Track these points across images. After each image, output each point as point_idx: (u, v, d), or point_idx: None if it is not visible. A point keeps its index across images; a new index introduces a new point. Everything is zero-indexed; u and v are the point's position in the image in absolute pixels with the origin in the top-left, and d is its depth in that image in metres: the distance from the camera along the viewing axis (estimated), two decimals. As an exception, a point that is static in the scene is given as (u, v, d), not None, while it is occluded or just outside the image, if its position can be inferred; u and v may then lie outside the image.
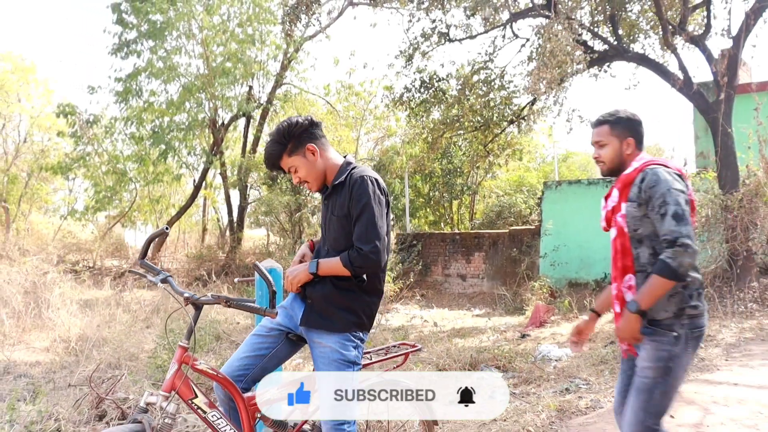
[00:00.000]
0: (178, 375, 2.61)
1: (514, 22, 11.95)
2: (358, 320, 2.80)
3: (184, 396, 2.64)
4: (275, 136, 2.84)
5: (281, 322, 2.94)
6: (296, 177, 2.89)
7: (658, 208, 2.66)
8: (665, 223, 2.63)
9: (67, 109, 15.83)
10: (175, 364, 2.62)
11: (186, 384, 2.64)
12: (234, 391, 2.76)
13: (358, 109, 20.27)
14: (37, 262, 12.86)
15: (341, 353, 2.74)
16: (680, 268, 2.57)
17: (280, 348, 2.96)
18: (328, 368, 2.73)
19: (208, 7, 15.33)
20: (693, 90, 10.07)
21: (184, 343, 2.64)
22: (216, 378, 2.75)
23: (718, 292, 8.82)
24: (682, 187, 2.72)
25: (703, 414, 4.62)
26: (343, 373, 2.74)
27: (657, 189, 2.69)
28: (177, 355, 2.62)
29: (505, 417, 4.68)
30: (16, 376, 6.66)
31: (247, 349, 2.94)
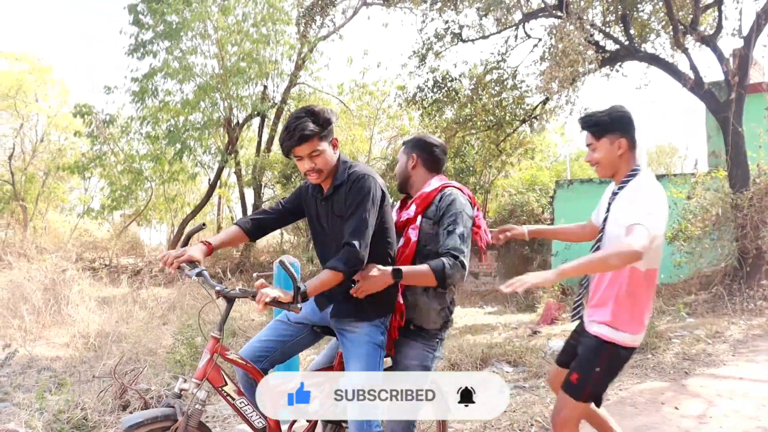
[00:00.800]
0: (209, 363, 2.74)
1: (527, 22, 12.02)
2: (384, 308, 2.92)
3: (215, 383, 2.78)
4: (313, 117, 2.78)
5: (308, 316, 3.06)
6: (311, 164, 2.80)
7: (448, 225, 2.91)
8: (452, 239, 2.89)
9: (83, 109, 16.07)
10: (207, 353, 2.74)
11: (217, 372, 2.78)
12: (261, 379, 2.90)
13: (371, 109, 20.37)
14: (56, 260, 13.08)
15: (371, 336, 2.87)
16: (450, 278, 2.84)
17: (303, 337, 3.10)
18: (359, 349, 2.85)
19: (223, 8, 15.52)
20: (704, 89, 10.12)
21: (216, 333, 2.77)
22: (245, 367, 2.88)
23: (727, 290, 8.88)
24: (472, 214, 3.03)
25: (707, 406, 4.73)
26: (372, 354, 2.85)
27: (452, 208, 2.95)
28: (210, 345, 2.75)
29: (515, 408, 4.81)
30: (38, 369, 6.83)
31: (270, 333, 3.08)
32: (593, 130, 2.95)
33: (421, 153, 3.21)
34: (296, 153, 2.81)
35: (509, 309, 12.11)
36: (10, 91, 21.36)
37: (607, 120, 2.93)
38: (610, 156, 2.94)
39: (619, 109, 2.95)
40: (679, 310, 8.43)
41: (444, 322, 3.03)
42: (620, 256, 2.56)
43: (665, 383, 5.47)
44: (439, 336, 3.04)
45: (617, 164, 2.95)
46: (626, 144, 2.93)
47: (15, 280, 11.05)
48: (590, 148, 2.99)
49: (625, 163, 2.96)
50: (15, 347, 6.92)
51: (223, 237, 3.04)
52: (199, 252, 2.86)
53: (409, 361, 2.99)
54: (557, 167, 24.83)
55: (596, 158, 2.97)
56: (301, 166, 2.86)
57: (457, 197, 3.00)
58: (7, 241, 17.56)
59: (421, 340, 3.00)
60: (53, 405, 4.43)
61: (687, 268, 9.92)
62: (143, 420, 2.59)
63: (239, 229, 3.06)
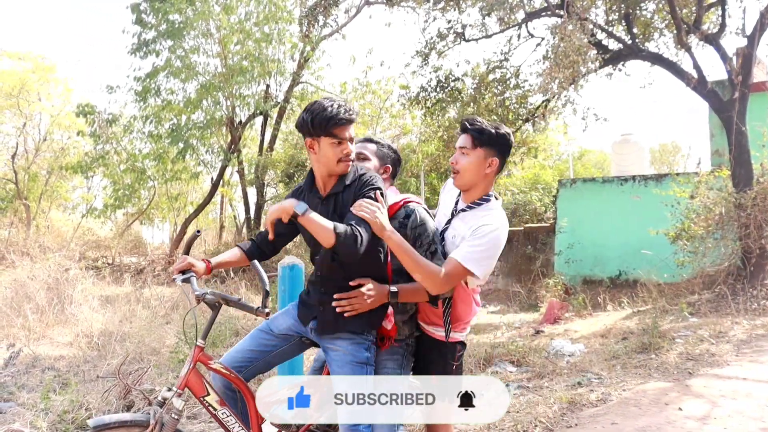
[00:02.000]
0: (192, 373, 2.73)
1: (530, 21, 12.01)
2: (369, 321, 2.82)
3: (197, 393, 2.76)
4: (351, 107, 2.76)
5: (292, 327, 2.99)
6: (351, 148, 2.78)
7: (428, 246, 2.86)
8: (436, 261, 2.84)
9: (86, 109, 16.10)
10: (190, 362, 2.74)
11: (200, 382, 2.76)
12: (244, 388, 2.85)
13: (374, 108, 20.35)
14: (59, 259, 13.11)
15: (354, 355, 2.78)
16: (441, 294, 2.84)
17: (286, 348, 3.02)
18: (343, 370, 2.77)
19: (226, 7, 15.50)
20: (707, 88, 10.10)
21: (200, 342, 2.76)
22: (229, 377, 2.83)
23: (731, 290, 8.87)
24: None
25: (711, 407, 4.73)
26: (356, 374, 2.76)
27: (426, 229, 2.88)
28: (193, 354, 2.75)
29: (518, 409, 4.82)
30: (42, 369, 6.86)
31: (251, 343, 2.99)
32: (475, 135, 2.89)
33: (393, 165, 3.15)
34: (344, 133, 2.73)
35: (512, 308, 12.11)
36: (14, 90, 21.40)
37: (493, 134, 2.88)
38: (478, 169, 2.89)
39: (507, 131, 2.94)
40: (683, 310, 8.43)
41: (410, 333, 3.01)
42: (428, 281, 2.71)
43: (669, 383, 5.47)
44: (406, 342, 3.00)
45: (478, 180, 2.92)
46: (496, 166, 2.91)
47: (18, 279, 11.08)
48: (462, 151, 2.91)
49: (486, 184, 2.94)
50: (19, 347, 6.94)
51: (223, 258, 3.03)
52: (200, 266, 2.89)
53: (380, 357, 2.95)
54: (560, 166, 24.80)
55: (463, 165, 2.91)
56: (338, 150, 2.74)
57: (425, 214, 2.94)
58: (11, 240, 17.58)
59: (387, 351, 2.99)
60: (58, 405, 4.44)
61: (690, 267, 9.90)
62: (110, 422, 2.60)
63: (240, 252, 3.05)
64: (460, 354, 3.07)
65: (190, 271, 2.85)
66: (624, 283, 12.45)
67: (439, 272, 2.71)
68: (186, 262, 2.85)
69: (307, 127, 2.74)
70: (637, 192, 12.96)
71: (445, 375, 2.99)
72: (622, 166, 16.52)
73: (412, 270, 2.74)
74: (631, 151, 16.76)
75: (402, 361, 2.97)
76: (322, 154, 2.76)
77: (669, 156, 36.86)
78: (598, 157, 32.91)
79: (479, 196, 2.93)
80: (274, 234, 2.82)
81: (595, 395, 5.16)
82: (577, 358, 6.80)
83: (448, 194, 3.16)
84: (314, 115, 2.71)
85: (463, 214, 2.94)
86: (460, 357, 3.07)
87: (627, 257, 12.45)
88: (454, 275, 2.74)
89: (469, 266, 2.72)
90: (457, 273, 2.74)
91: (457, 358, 3.04)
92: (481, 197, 2.93)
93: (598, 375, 5.90)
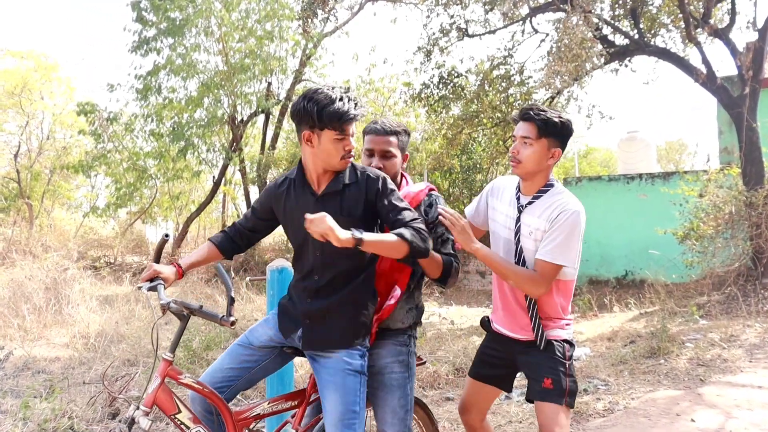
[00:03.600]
0: (161, 389, 2.52)
1: (534, 16, 11.80)
2: (360, 330, 2.64)
3: (167, 411, 2.54)
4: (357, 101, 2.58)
5: (273, 338, 2.77)
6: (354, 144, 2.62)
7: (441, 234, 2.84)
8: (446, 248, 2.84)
9: (87, 107, 15.98)
10: (157, 377, 2.52)
11: (169, 398, 2.54)
12: (221, 405, 2.62)
13: (377, 105, 20.19)
14: (58, 259, 12.97)
15: (347, 362, 2.58)
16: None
17: (269, 362, 2.80)
18: (334, 378, 2.56)
19: (227, 4, 15.34)
20: (716, 84, 9.88)
21: (168, 356, 2.55)
22: (202, 392, 2.61)
23: (741, 291, 8.65)
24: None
25: (725, 418, 4.51)
26: (349, 384, 2.56)
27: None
28: (160, 369, 2.53)
29: (521, 419, 4.61)
30: (35, 371, 6.70)
31: (230, 360, 2.76)
32: (540, 125, 2.74)
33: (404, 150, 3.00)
34: (351, 128, 2.56)
35: (517, 309, 11.90)
36: (16, 89, 21.31)
37: (558, 124, 2.74)
38: (541, 159, 2.77)
39: (569, 120, 2.80)
40: (693, 313, 8.20)
41: (413, 322, 2.86)
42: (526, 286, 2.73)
43: (679, 391, 5.25)
44: (408, 333, 2.85)
45: (539, 171, 2.79)
46: (558, 156, 2.81)
47: (16, 278, 10.95)
48: (525, 141, 2.77)
49: (546, 173, 2.83)
50: (9, 349, 6.77)
51: (194, 258, 2.83)
52: (169, 271, 2.69)
53: (384, 360, 2.77)
54: (565, 164, 24.59)
55: (526, 155, 2.77)
56: (341, 146, 2.55)
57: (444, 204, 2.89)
58: (13, 239, 17.49)
59: (390, 338, 2.81)
60: (39, 414, 4.26)
61: (699, 267, 9.69)
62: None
63: (213, 247, 2.85)
64: (571, 353, 2.84)
65: (158, 278, 2.65)
66: (630, 283, 12.25)
67: (534, 275, 2.71)
68: (152, 270, 2.65)
69: (310, 117, 2.52)
70: (644, 190, 12.75)
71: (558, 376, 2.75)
72: (628, 164, 16.31)
73: (506, 277, 2.78)
74: (638, 148, 16.54)
75: (408, 361, 2.82)
76: (321, 149, 2.55)
77: (676, 154, 36.59)
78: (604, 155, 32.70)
79: (541, 185, 2.84)
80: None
81: (601, 404, 4.95)
82: (582, 363, 6.59)
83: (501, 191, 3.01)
84: (320, 106, 2.50)
85: (530, 207, 2.82)
86: (571, 356, 2.84)
87: (634, 257, 12.25)
88: (548, 275, 2.71)
89: (558, 261, 2.69)
90: (550, 270, 2.70)
91: (568, 357, 2.82)
92: (544, 185, 2.84)
93: (604, 381, 5.69)
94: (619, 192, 13.14)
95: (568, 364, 2.78)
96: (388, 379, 2.74)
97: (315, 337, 2.63)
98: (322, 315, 2.61)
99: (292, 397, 2.84)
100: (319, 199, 2.62)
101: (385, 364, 2.76)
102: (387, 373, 2.75)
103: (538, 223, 2.75)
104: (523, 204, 2.84)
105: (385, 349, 2.79)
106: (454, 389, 5.93)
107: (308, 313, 2.64)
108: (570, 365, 2.79)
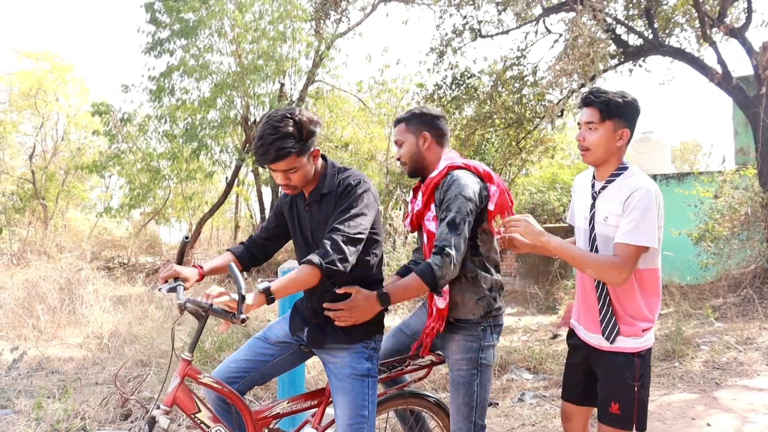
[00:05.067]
0: (179, 388, 2.53)
1: (547, 16, 11.74)
2: (366, 329, 2.64)
3: (187, 410, 2.55)
4: (297, 128, 2.49)
5: (290, 335, 2.83)
6: (286, 179, 2.58)
7: (443, 212, 2.65)
8: (441, 228, 2.63)
9: (101, 107, 16.07)
10: (177, 377, 2.53)
11: (188, 398, 2.55)
12: (241, 404, 2.65)
13: (390, 106, 20.17)
14: (72, 259, 13.05)
15: (352, 367, 2.60)
16: (441, 279, 2.57)
17: (285, 357, 2.84)
18: (342, 384, 2.61)
19: (240, 5, 15.39)
20: (732, 84, 9.77)
21: (187, 356, 2.55)
22: (221, 392, 2.63)
23: (758, 293, 8.55)
24: (473, 195, 2.68)
25: (742, 422, 4.44)
26: (356, 389, 2.60)
27: (449, 193, 2.67)
28: (179, 369, 2.54)
29: (534, 422, 4.57)
30: (48, 371, 6.73)
31: (247, 352, 2.82)
32: (602, 108, 2.60)
33: (431, 129, 2.89)
34: (271, 167, 2.55)
35: (529, 310, 11.85)
36: (31, 90, 21.50)
37: (621, 104, 2.60)
38: (609, 143, 2.62)
39: (633, 97, 2.64)
40: (708, 315, 8.11)
41: (486, 312, 2.75)
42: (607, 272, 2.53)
43: (694, 395, 5.19)
44: (482, 324, 2.76)
45: (610, 155, 2.65)
46: (628, 137, 2.64)
47: (31, 279, 11.02)
48: (589, 126, 2.64)
49: (618, 156, 2.67)
50: (23, 350, 6.81)
51: (216, 263, 2.84)
52: (190, 273, 2.69)
53: (454, 355, 2.77)
54: (579, 165, 24.44)
55: (592, 140, 2.63)
56: (275, 179, 2.62)
57: (459, 179, 2.70)
58: (29, 240, 17.63)
59: (461, 331, 2.76)
60: (52, 414, 4.27)
61: (714, 269, 9.60)
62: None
63: (233, 257, 2.88)
64: (642, 370, 2.61)
65: (178, 279, 2.65)
66: (645, 285, 12.15)
67: (615, 260, 2.51)
68: (172, 270, 2.65)
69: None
70: (658, 191, 12.66)
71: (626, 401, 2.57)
72: (642, 164, 16.17)
73: (583, 266, 2.60)
74: (652, 149, 16.41)
75: (478, 358, 2.73)
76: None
77: (690, 154, 36.31)
78: (618, 156, 32.42)
79: (614, 168, 2.68)
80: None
81: (615, 407, 4.89)
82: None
83: (581, 186, 2.89)
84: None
85: (603, 192, 2.68)
86: (642, 375, 2.60)
87: (648, 258, 12.16)
88: (629, 258, 2.50)
89: (640, 242, 2.49)
90: (631, 254, 2.50)
91: (638, 376, 2.59)
92: (617, 169, 2.68)
93: (618, 384, 5.63)
94: (632, 193, 13.04)
95: (638, 385, 2.58)
96: (456, 376, 2.76)
97: (320, 336, 2.67)
98: (328, 316, 2.61)
99: (312, 397, 2.85)
100: (306, 206, 2.72)
101: (454, 360, 2.77)
102: (455, 370, 2.76)
103: (611, 207, 2.61)
104: (597, 190, 2.72)
105: (456, 343, 2.76)
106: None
107: (315, 313, 2.68)
108: (641, 385, 2.59)
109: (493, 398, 5.49)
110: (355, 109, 19.78)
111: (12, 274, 11.89)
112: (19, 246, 16.54)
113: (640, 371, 2.59)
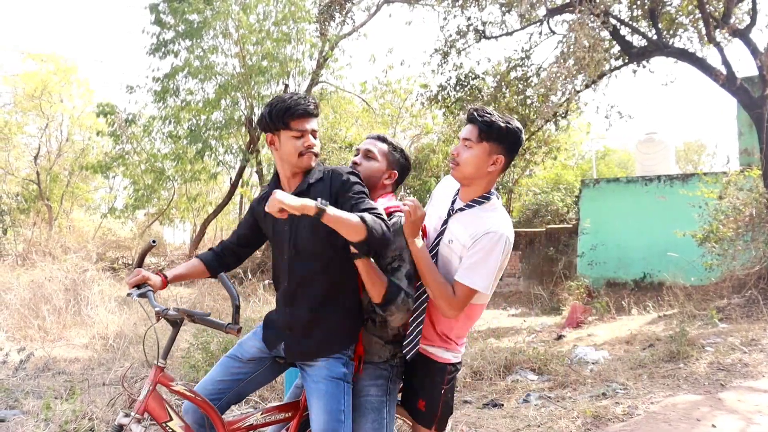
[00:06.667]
0: (152, 396, 2.48)
1: (551, 18, 11.74)
2: (342, 339, 2.61)
3: (158, 418, 2.50)
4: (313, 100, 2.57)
5: (263, 350, 2.75)
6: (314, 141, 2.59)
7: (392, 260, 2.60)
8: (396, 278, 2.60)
9: (106, 108, 16.12)
10: (149, 384, 2.49)
11: (161, 406, 2.50)
12: (214, 415, 2.58)
13: (394, 107, 20.20)
14: (77, 260, 13.09)
15: (330, 370, 2.56)
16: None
17: (261, 372, 2.78)
18: (317, 386, 2.55)
19: (245, 6, 15.43)
20: (736, 85, 9.77)
21: (160, 363, 2.53)
22: (194, 400, 2.57)
23: (762, 294, 8.54)
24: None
25: (746, 424, 4.46)
26: (332, 391, 2.54)
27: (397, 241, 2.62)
28: (152, 376, 2.50)
29: (539, 423, 4.59)
30: (55, 372, 6.75)
31: (221, 372, 2.74)
32: (482, 128, 2.56)
33: (400, 172, 2.85)
34: (302, 125, 2.55)
35: (533, 311, 11.86)
36: (36, 92, 21.56)
37: (503, 129, 2.56)
38: (480, 164, 2.57)
39: (518, 127, 2.61)
40: (712, 316, 8.11)
41: (393, 354, 2.70)
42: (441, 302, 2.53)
43: (699, 396, 5.20)
44: (390, 363, 2.71)
45: (479, 177, 2.61)
46: (501, 165, 2.60)
47: (36, 279, 11.05)
48: (466, 143, 2.60)
49: (487, 182, 2.64)
50: (29, 351, 6.84)
51: (180, 270, 2.82)
52: (155, 279, 2.66)
53: (360, 382, 2.67)
54: (583, 166, 24.46)
55: (465, 158, 2.58)
56: (299, 143, 2.56)
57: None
58: (33, 240, 17.67)
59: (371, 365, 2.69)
60: (60, 415, 4.30)
61: (718, 270, 9.60)
62: None
63: (200, 263, 2.83)
64: (451, 377, 2.75)
65: (146, 285, 2.63)
66: (649, 285, 12.16)
67: (451, 297, 2.52)
68: (140, 276, 2.63)
69: (265, 120, 2.59)
70: (662, 192, 12.67)
71: (432, 400, 2.70)
72: (646, 165, 16.19)
73: (427, 284, 2.55)
74: (656, 150, 16.42)
75: (387, 386, 2.69)
76: (283, 150, 2.60)
77: (694, 155, 36.26)
78: (622, 157, 32.46)
79: (479, 194, 2.64)
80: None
81: (620, 408, 4.90)
82: (601, 366, 6.55)
83: (445, 190, 2.85)
84: (272, 107, 2.57)
85: (460, 214, 2.65)
86: (450, 380, 2.74)
87: (652, 259, 12.16)
88: (463, 298, 2.52)
89: (475, 285, 2.50)
90: (465, 294, 2.52)
91: (447, 381, 2.72)
92: (481, 195, 2.64)
93: (623, 385, 5.65)
94: (637, 194, 13.04)
95: (446, 388, 2.70)
96: (363, 401, 2.66)
97: (297, 348, 2.63)
98: (303, 325, 2.60)
99: (286, 409, 2.78)
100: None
101: (362, 386, 2.68)
102: (362, 396, 2.66)
103: (460, 235, 2.59)
104: (454, 208, 2.69)
105: (365, 372, 2.70)
106: (472, 392, 5.92)
107: (289, 323, 2.64)
108: (448, 389, 2.71)
109: (497, 399, 5.51)
110: (359, 110, 19.82)
111: (17, 275, 11.91)
112: (24, 247, 16.57)
113: (450, 376, 2.73)
